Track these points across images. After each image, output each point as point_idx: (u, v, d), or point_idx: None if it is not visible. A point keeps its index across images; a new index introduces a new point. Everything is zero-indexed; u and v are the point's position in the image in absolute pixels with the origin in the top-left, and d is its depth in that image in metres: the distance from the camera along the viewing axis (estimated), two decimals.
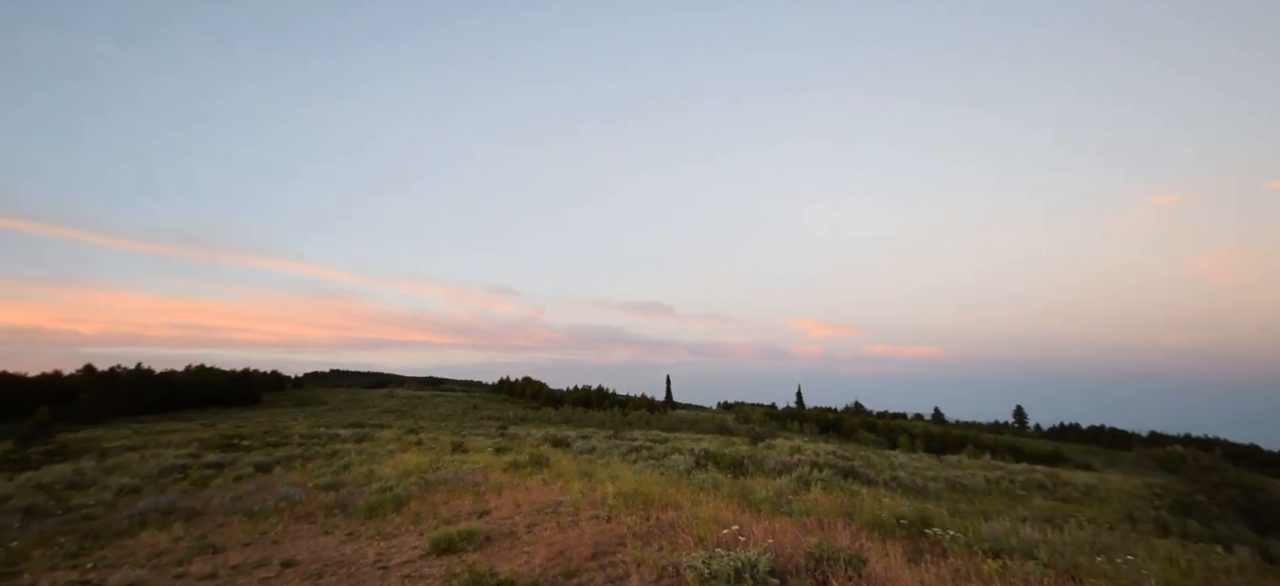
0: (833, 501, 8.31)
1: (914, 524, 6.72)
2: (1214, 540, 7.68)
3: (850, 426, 57.03)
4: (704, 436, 27.65)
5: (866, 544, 5.51)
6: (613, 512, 6.40)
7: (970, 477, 14.26)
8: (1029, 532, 7.01)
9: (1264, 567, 6.38)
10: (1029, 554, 5.64)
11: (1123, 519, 9.50)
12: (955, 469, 16.23)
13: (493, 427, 34.84)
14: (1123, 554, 5.71)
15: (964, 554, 5.33)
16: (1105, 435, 71.66)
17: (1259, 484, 9.10)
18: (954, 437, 45.99)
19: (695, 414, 64.22)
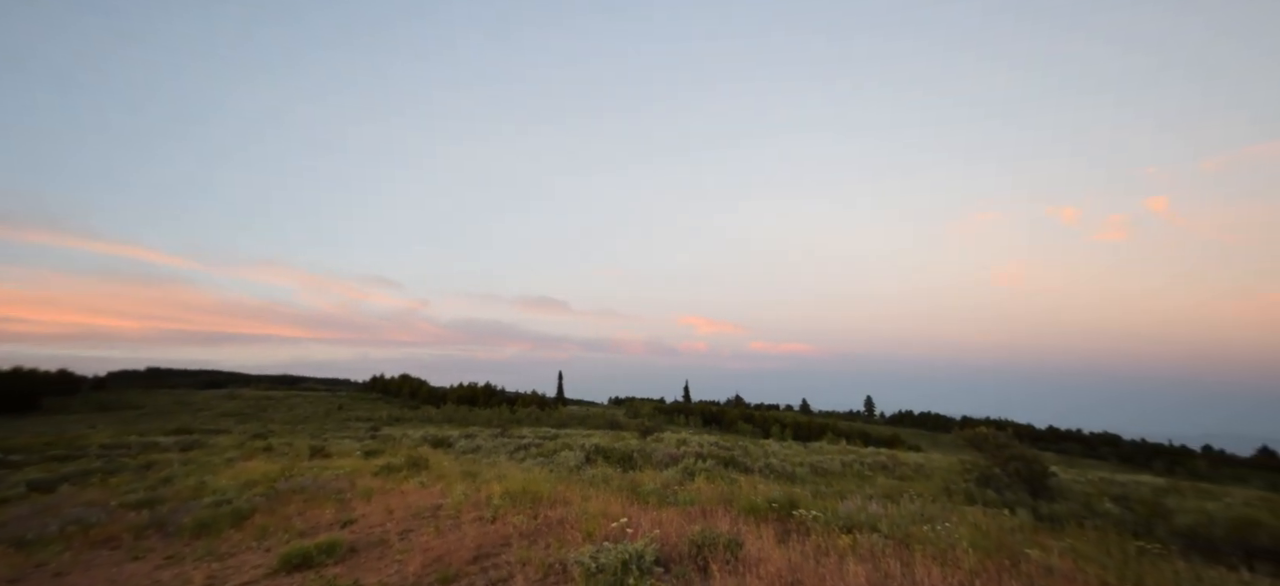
0: (715, 490, 8.80)
1: (784, 507, 7.35)
2: (1004, 505, 9.41)
3: (731, 418, 61.21)
4: (595, 432, 27.78)
5: (743, 528, 5.89)
6: (498, 513, 6.12)
7: (830, 462, 16.03)
8: (874, 508, 8.04)
9: (1037, 524, 7.99)
10: (874, 527, 6.45)
11: (942, 492, 11.29)
12: (818, 455, 18.13)
13: (362, 429, 31.63)
14: (942, 522, 6.75)
15: (823, 531, 5.94)
16: (932, 419, 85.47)
17: (1035, 456, 11.37)
18: (817, 426, 51.57)
19: (586, 410, 64.28)
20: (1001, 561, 4.85)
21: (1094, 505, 9.31)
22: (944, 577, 4.25)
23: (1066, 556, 5.34)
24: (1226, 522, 7.24)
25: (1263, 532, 6.74)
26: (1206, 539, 7.03)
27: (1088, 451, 61.57)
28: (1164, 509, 8.85)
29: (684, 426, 48.03)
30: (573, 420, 50.33)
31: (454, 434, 21.39)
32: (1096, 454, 60.17)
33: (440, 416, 49.78)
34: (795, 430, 50.61)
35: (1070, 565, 4.90)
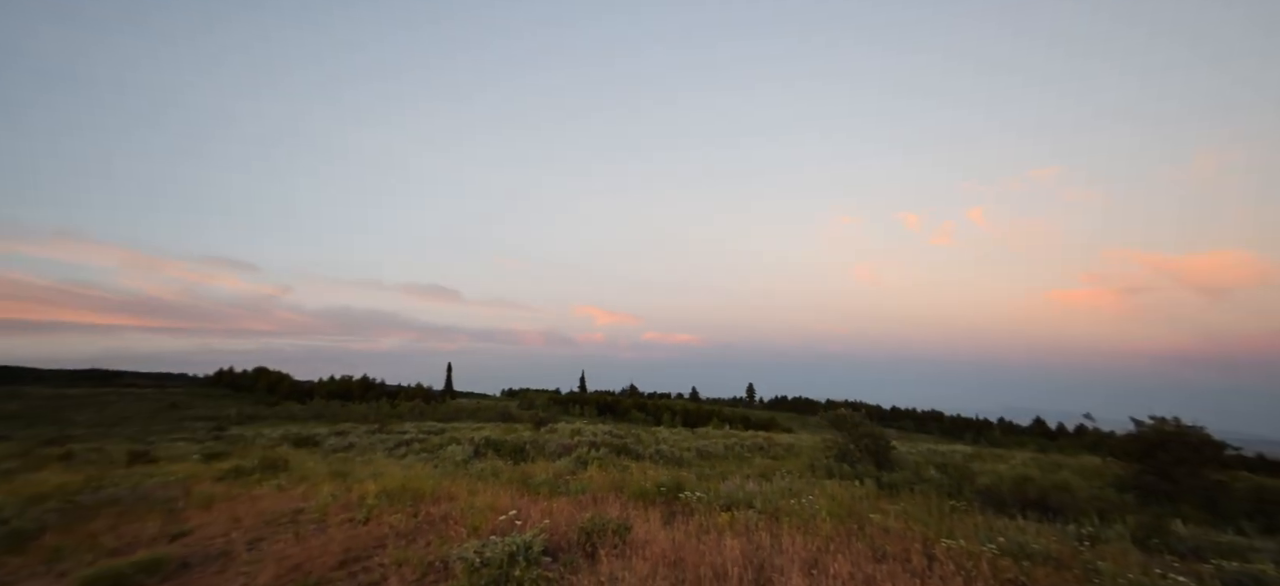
0: (606, 477, 8.97)
1: (671, 490, 7.72)
2: (856, 477, 10.79)
3: (625, 407, 62.55)
4: (486, 424, 26.72)
5: (632, 513, 6.10)
6: (372, 513, 5.64)
7: (714, 446, 17.12)
8: (751, 487, 8.77)
9: (880, 492, 9.28)
10: (750, 504, 7.04)
11: (808, 468, 12.64)
12: (704, 440, 19.26)
13: (203, 430, 27.12)
14: (807, 495, 7.57)
15: (706, 511, 6.36)
16: (802, 403, 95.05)
17: (881, 433, 13.19)
18: (705, 412, 54.71)
19: (477, 402, 61.48)
20: (851, 525, 5.59)
21: (922, 472, 11.06)
22: (805, 544, 4.78)
23: (900, 518, 6.30)
24: (1010, 480, 9.02)
25: (1032, 487, 8.51)
26: (997, 494, 8.71)
27: (919, 427, 72.92)
28: (970, 472, 10.80)
29: (579, 416, 48.09)
30: (462, 413, 47.87)
31: (322, 431, 19.23)
32: (925, 428, 71.50)
33: (306, 413, 44.36)
34: (684, 417, 53.19)
35: (902, 525, 5.79)
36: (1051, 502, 8.19)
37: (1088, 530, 6.41)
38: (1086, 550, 5.12)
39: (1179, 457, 8.47)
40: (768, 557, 4.39)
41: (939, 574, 4.02)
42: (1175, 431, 8.65)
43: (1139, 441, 8.95)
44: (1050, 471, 10.24)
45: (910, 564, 4.23)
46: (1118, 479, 9.15)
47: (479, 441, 13.80)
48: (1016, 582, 3.93)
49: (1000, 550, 4.64)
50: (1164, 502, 8.07)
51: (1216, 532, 6.27)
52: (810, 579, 3.86)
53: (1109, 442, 10.11)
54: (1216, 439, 8.76)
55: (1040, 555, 4.61)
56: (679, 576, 4.06)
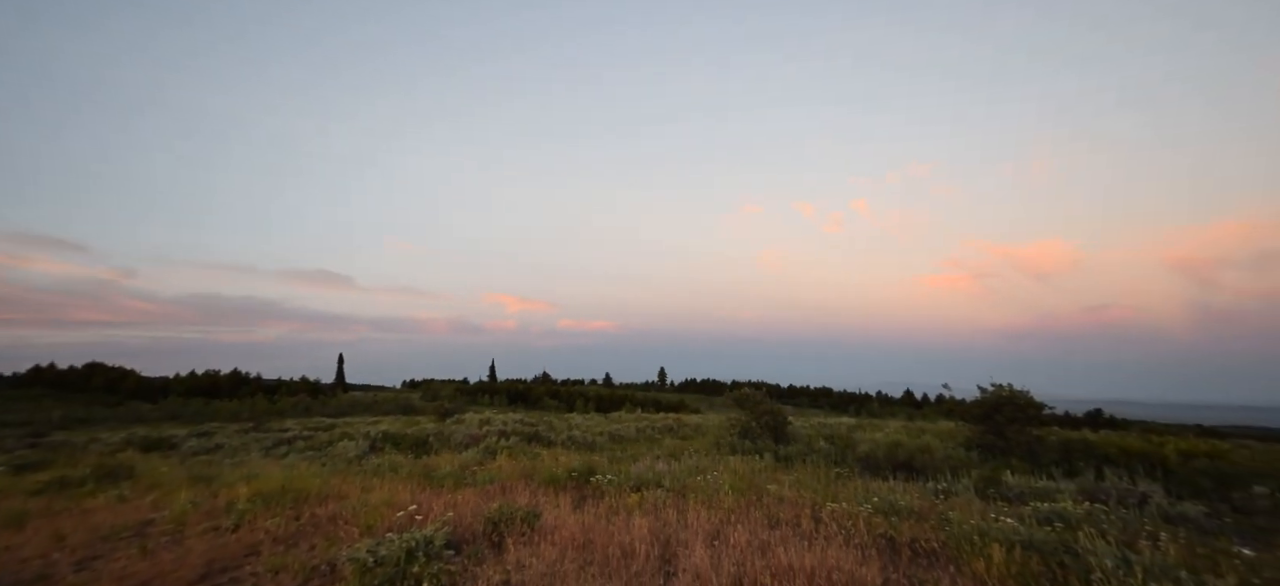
0: (516, 466, 8.77)
1: (583, 475, 7.73)
2: (756, 451, 11.55)
3: (537, 395, 61.49)
4: (384, 418, 24.87)
5: (542, 500, 6.03)
6: (244, 519, 5.02)
7: (626, 429, 17.42)
8: (660, 467, 9.03)
9: (777, 464, 10.02)
10: (659, 483, 7.25)
11: (713, 446, 13.32)
12: (617, 424, 19.52)
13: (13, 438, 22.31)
14: (712, 471, 7.97)
15: (616, 493, 6.46)
16: (711, 385, 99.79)
17: (779, 409, 14.22)
18: (618, 397, 55.44)
19: (375, 395, 56.95)
20: (751, 497, 5.98)
21: (813, 444, 12.12)
22: (709, 517, 5.04)
23: (793, 486, 6.86)
24: (884, 446, 10.18)
25: (901, 451, 9.67)
26: (874, 460, 9.79)
27: (812, 402, 79.95)
28: (852, 442, 12.03)
29: (489, 406, 46.48)
30: (357, 407, 44.09)
31: (180, 433, 16.70)
32: (817, 404, 78.56)
33: (158, 414, 38.20)
34: (598, 403, 53.53)
35: (795, 493, 6.31)
36: (916, 464, 9.39)
37: (943, 485, 7.42)
38: (941, 502, 5.93)
39: (1010, 418, 10.09)
40: (674, 533, 4.56)
41: (824, 534, 4.44)
42: (1008, 396, 10.27)
43: (981, 406, 10.50)
44: (916, 436, 11.71)
45: (800, 527, 4.63)
46: (966, 439, 10.70)
47: (375, 436, 12.81)
48: (886, 535, 4.45)
49: (874, 508, 5.23)
50: (999, 457, 9.59)
51: (1035, 479, 7.57)
52: (712, 549, 4.07)
53: (961, 408, 11.72)
54: (1037, 400, 10.55)
55: (905, 510, 5.26)
56: (588, 557, 4.09)
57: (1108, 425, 39.00)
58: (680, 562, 3.90)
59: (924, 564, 3.91)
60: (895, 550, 4.20)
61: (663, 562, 4.01)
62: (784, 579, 3.51)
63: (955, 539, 4.11)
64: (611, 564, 3.96)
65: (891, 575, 3.58)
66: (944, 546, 4.14)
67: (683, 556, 3.99)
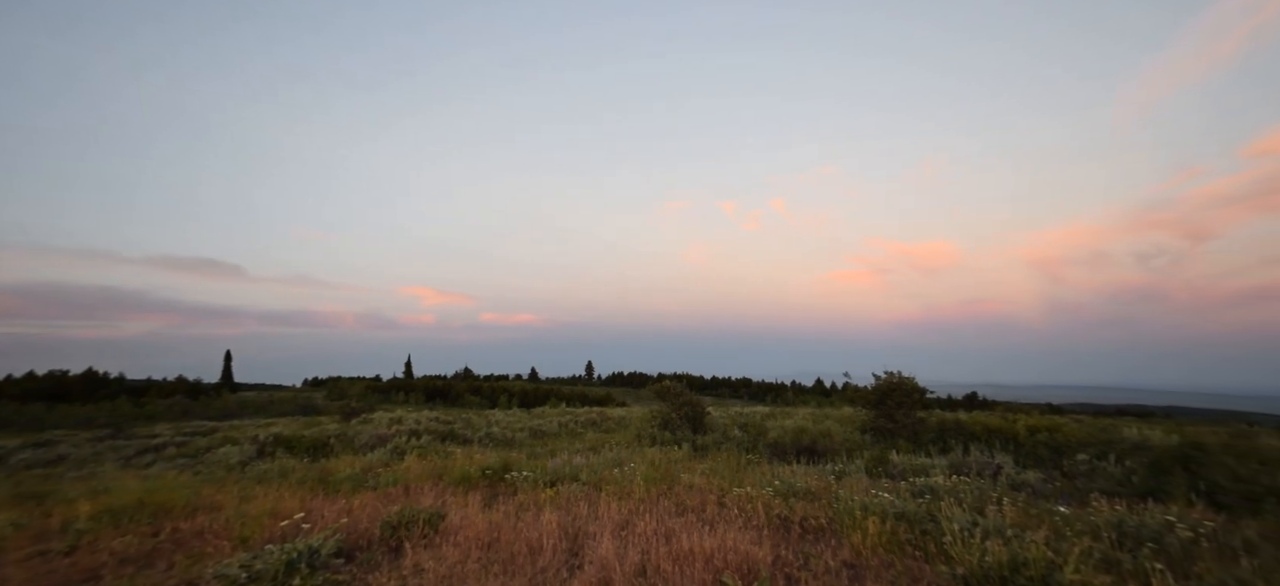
0: (426, 466, 8.36)
1: (497, 472, 7.54)
2: (675, 443, 11.88)
3: (458, 391, 58.93)
4: (278, 420, 22.63)
5: (451, 500, 5.80)
6: (83, 539, 4.34)
7: (548, 425, 17.20)
8: (578, 461, 9.02)
9: (694, 454, 10.37)
10: (575, 477, 7.24)
11: (635, 438, 13.53)
12: (539, 419, 19.22)
13: None
14: (630, 463, 8.10)
15: (530, 488, 6.37)
16: (637, 378, 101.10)
17: (698, 400, 14.72)
18: (543, 392, 54.58)
19: (269, 395, 51.58)
20: (663, 487, 6.15)
21: (728, 433, 12.69)
22: (620, 509, 5.11)
23: (704, 474, 7.15)
24: (791, 433, 10.88)
25: (805, 436, 10.39)
26: (782, 446, 10.44)
27: (733, 393, 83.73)
28: (764, 429, 12.74)
29: (403, 404, 43.86)
30: (247, 409, 39.68)
31: (9, 444, 14.11)
32: (737, 394, 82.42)
33: None
34: (522, 398, 52.33)
35: (705, 481, 6.57)
36: (819, 447, 10.13)
37: (839, 467, 8.08)
38: (835, 482, 6.45)
39: (898, 403, 11.19)
40: (583, 526, 4.58)
41: (726, 518, 4.67)
42: (897, 382, 11.37)
43: (875, 392, 11.55)
44: (819, 422, 12.63)
45: (705, 513, 4.83)
46: (862, 423, 11.72)
47: (265, 440, 11.62)
48: (782, 516, 4.77)
49: (775, 491, 5.58)
50: (888, 439, 10.61)
51: (916, 458, 8.47)
52: (619, 540, 4.14)
53: (859, 395, 12.80)
54: (922, 386, 11.79)
55: (802, 491, 5.66)
56: (493, 556, 4.00)
57: (979, 406, 44.41)
58: (587, 555, 3.92)
59: (812, 539, 4.24)
60: (788, 528, 4.51)
61: (570, 556, 4.01)
62: (684, 563, 3.64)
63: (840, 515, 4.49)
64: (517, 561, 3.90)
65: (781, 552, 3.85)
66: (831, 522, 4.51)
67: (590, 548, 4.02)
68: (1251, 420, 20.92)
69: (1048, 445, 8.53)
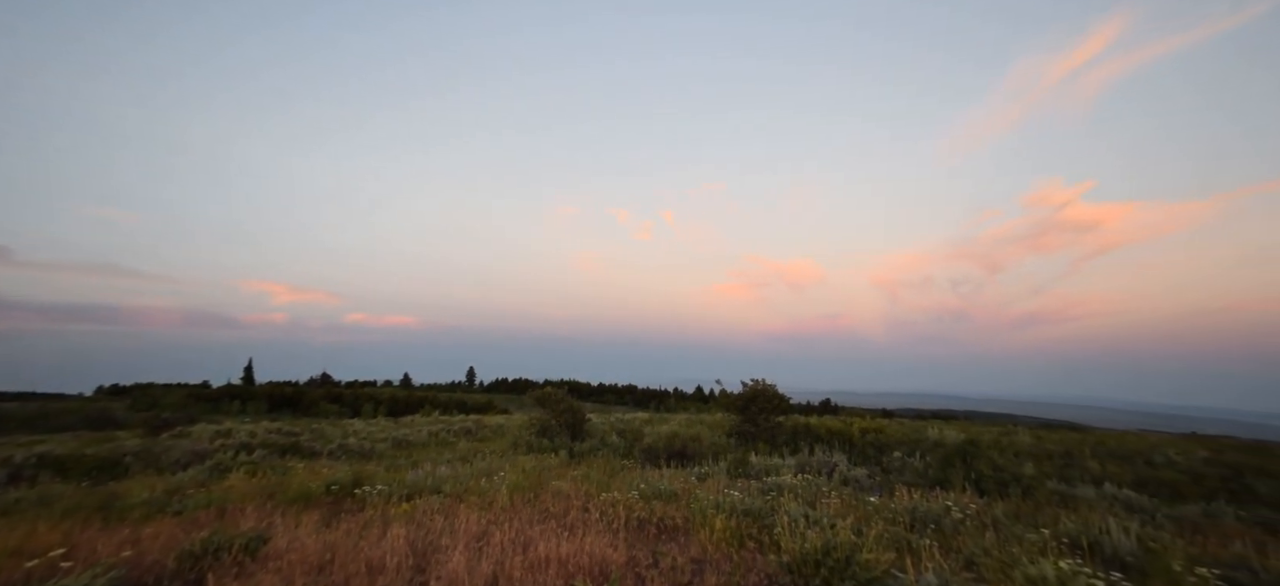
0: (256, 484, 7.27)
1: (345, 486, 6.81)
2: (553, 450, 11.72)
3: (312, 399, 52.02)
4: (53, 437, 18.07)
5: (281, 521, 5.10)
6: None
7: (417, 434, 15.94)
8: (443, 472, 8.49)
9: (571, 460, 10.32)
10: (437, 489, 6.81)
11: (511, 447, 13.09)
12: (407, 428, 17.72)
13: None
14: (501, 473, 7.81)
15: (382, 503, 5.84)
16: (521, 384, 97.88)
17: (579, 407, 14.70)
18: (416, 399, 50.35)
19: (43, 406, 40.97)
20: (529, 495, 6.03)
21: (606, 439, 12.84)
22: (479, 520, 4.90)
23: (576, 481, 7.15)
24: (665, 437, 11.33)
25: (677, 440, 10.89)
26: (655, 450, 10.82)
27: (617, 399, 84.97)
28: (640, 434, 13.11)
29: (238, 414, 37.65)
30: (10, 423, 31.00)
31: None
32: (622, 400, 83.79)
33: None
34: (391, 406, 47.84)
35: (575, 486, 6.57)
36: (688, 451, 10.68)
37: (703, 470, 8.59)
38: (697, 484, 6.84)
39: (761, 408, 12.25)
40: (436, 540, 4.31)
41: (587, 523, 4.71)
42: (761, 389, 12.45)
43: (742, 398, 12.51)
44: (691, 427, 13.34)
45: (567, 520, 4.83)
46: (729, 428, 12.61)
47: (24, 462, 9.20)
48: (642, 518, 4.94)
49: (640, 495, 5.76)
50: (750, 442, 11.55)
51: (770, 459, 9.33)
52: (473, 552, 3.96)
53: (729, 401, 13.75)
54: (783, 393, 13.05)
55: (666, 493, 5.92)
56: (323, 580, 3.59)
57: (829, 411, 50.26)
58: (435, 571, 3.70)
59: (666, 539, 4.45)
60: (646, 530, 4.69)
61: (416, 573, 3.75)
62: (539, 570, 3.60)
63: (695, 514, 4.78)
64: (352, 583, 3.55)
65: (635, 552, 3.98)
66: (686, 522, 4.78)
67: (439, 564, 3.79)
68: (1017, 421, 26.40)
69: (874, 444, 9.92)
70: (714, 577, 3.53)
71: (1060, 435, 12.28)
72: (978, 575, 3.18)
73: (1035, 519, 4.75)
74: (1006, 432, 9.09)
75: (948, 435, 9.70)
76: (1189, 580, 3.22)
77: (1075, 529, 4.11)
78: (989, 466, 6.44)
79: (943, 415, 46.41)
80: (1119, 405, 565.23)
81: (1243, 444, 11.99)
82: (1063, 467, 7.77)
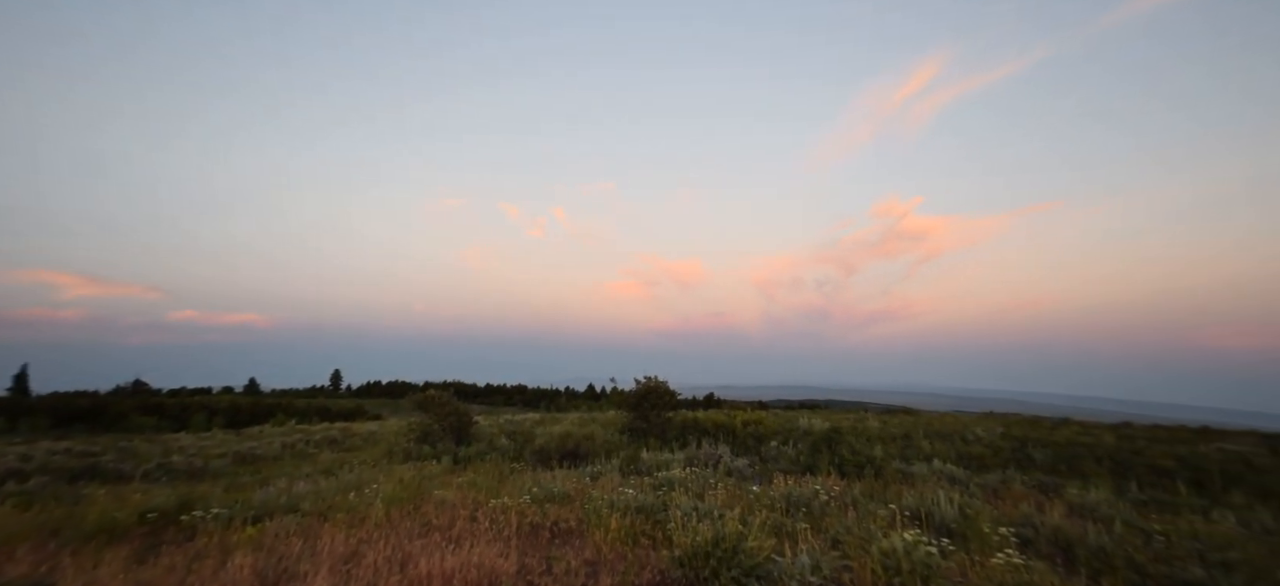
0: (31, 519, 5.75)
1: (168, 513, 5.67)
2: (435, 456, 10.91)
3: (119, 412, 42.59)
4: None
5: (69, 562, 4.07)
6: None
7: (266, 447, 13.85)
8: (302, 488, 7.47)
9: (455, 466, 9.69)
10: (294, 508, 5.96)
11: (386, 455, 11.94)
12: (253, 440, 15.30)
13: None
14: (374, 484, 7.06)
15: (219, 528, 4.95)
16: (398, 387, 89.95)
17: (465, 410, 13.83)
18: (266, 407, 43.76)
19: None
20: (409, 507, 5.52)
21: (495, 442, 12.27)
22: (347, 539, 4.36)
23: (461, 488, 6.70)
24: (557, 438, 11.14)
25: (570, 440, 10.78)
26: (547, 451, 10.59)
27: (506, 400, 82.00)
28: (532, 436, 12.74)
29: (5, 433, 29.70)
30: None
31: None
32: (512, 401, 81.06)
33: None
34: (232, 416, 41.04)
35: (461, 495, 6.15)
36: (581, 451, 10.61)
37: (597, 469, 8.58)
38: (590, 484, 6.81)
39: (653, 404, 12.58)
40: (292, 566, 3.75)
41: (475, 532, 4.44)
42: (653, 386, 12.79)
43: (635, 395, 12.75)
44: (584, 426, 13.28)
45: (453, 531, 4.50)
46: (622, 425, 12.77)
47: None
48: (535, 523, 4.78)
49: (532, 499, 5.57)
50: (642, 438, 11.81)
51: (661, 454, 9.63)
52: (339, 575, 3.52)
53: (622, 398, 13.91)
54: (673, 389, 13.52)
55: (559, 495, 5.80)
56: None
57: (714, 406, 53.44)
58: None
59: (560, 542, 4.35)
60: (539, 535, 4.54)
61: None
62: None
63: (589, 515, 4.73)
64: None
65: (527, 559, 3.83)
66: (580, 524, 4.72)
67: None
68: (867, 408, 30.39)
69: (753, 435, 10.71)
70: (608, 578, 3.52)
71: (900, 419, 14.35)
72: (842, 552, 3.56)
73: (884, 496, 5.47)
74: (860, 419, 10.43)
75: (815, 424, 10.82)
76: (994, 538, 3.93)
77: (914, 502, 4.80)
78: (848, 451, 7.30)
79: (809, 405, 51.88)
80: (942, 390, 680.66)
81: (1026, 419, 15.07)
82: (903, 449, 9.11)
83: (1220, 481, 7.78)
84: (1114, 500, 5.88)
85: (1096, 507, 5.33)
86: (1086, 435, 11.20)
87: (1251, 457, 9.06)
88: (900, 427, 11.60)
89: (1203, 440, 11.27)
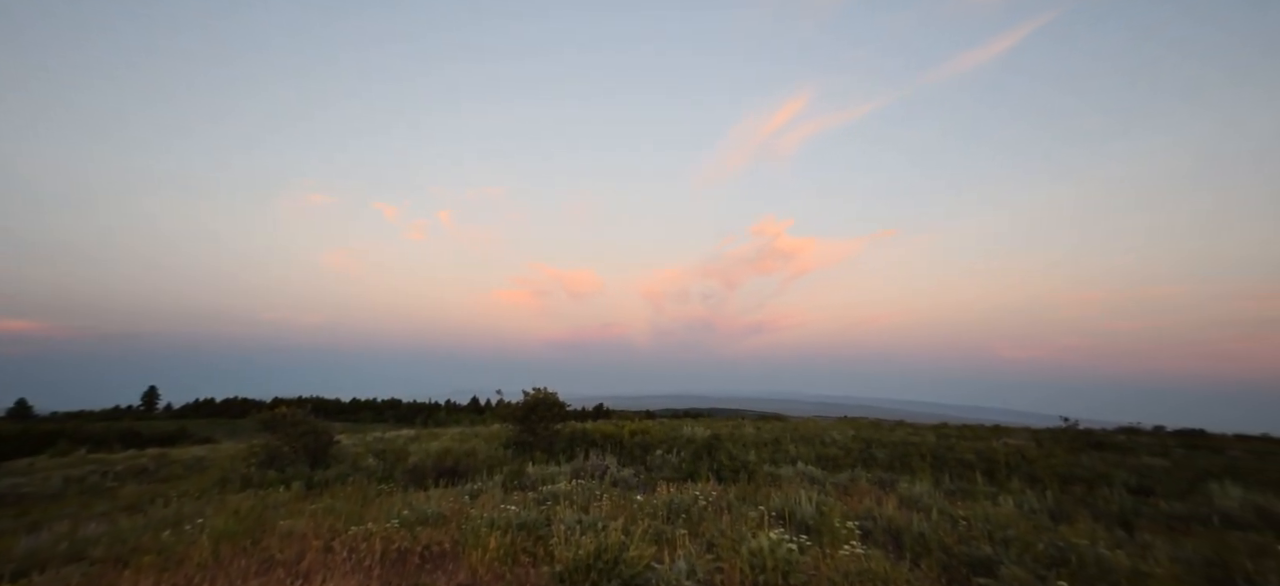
0: None
1: None
2: (283, 482, 9.52)
3: None
4: None
5: None
6: None
7: (43, 484, 10.99)
8: (93, 529, 6.08)
9: (308, 491, 8.54)
10: (78, 556, 4.82)
11: (217, 484, 10.13)
12: (19, 476, 12.02)
13: None
14: (198, 519, 5.94)
15: None
16: (237, 405, 76.89)
17: (324, 428, 12.27)
18: (40, 433, 34.65)
19: None
20: (243, 543, 4.73)
21: (359, 462, 11.05)
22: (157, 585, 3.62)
23: (315, 516, 5.91)
24: (434, 455, 10.38)
25: (449, 457, 10.11)
26: (422, 470, 9.79)
27: (377, 416, 74.28)
28: (406, 454, 11.71)
29: None
30: None
31: None
32: (382, 417, 73.61)
33: None
34: None
35: (314, 523, 5.42)
36: (461, 468, 9.97)
37: (477, 486, 8.12)
38: (470, 503, 6.42)
39: (541, 417, 12.27)
40: None
41: (330, 564, 3.95)
42: (542, 398, 12.47)
43: (522, 407, 12.33)
44: (465, 441, 12.54)
45: (301, 566, 3.96)
46: (508, 439, 12.26)
47: None
48: (403, 548, 4.38)
49: (402, 522, 5.10)
50: (528, 451, 11.45)
51: (547, 467, 9.41)
52: None
53: (509, 411, 13.35)
54: (562, 400, 13.30)
55: (433, 517, 5.38)
56: None
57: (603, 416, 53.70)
58: None
59: (431, 568, 4.04)
60: (406, 561, 4.17)
61: None
62: None
63: (466, 535, 4.46)
64: None
65: None
66: (454, 545, 4.43)
67: None
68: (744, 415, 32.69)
69: (640, 444, 10.95)
70: None
71: (772, 425, 15.68)
72: (716, 555, 3.78)
73: (755, 498, 5.91)
74: (738, 426, 11.23)
75: (697, 432, 11.38)
76: (843, 532, 4.45)
77: (781, 503, 5.26)
78: (726, 456, 7.79)
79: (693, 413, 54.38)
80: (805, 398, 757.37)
81: (871, 422, 17.37)
82: (774, 453, 9.97)
83: (1005, 471, 9.66)
84: (933, 491, 7.00)
85: (920, 499, 6.29)
86: (915, 435, 13.24)
87: (1025, 450, 11.40)
88: (772, 433, 12.67)
89: (994, 436, 14.00)
